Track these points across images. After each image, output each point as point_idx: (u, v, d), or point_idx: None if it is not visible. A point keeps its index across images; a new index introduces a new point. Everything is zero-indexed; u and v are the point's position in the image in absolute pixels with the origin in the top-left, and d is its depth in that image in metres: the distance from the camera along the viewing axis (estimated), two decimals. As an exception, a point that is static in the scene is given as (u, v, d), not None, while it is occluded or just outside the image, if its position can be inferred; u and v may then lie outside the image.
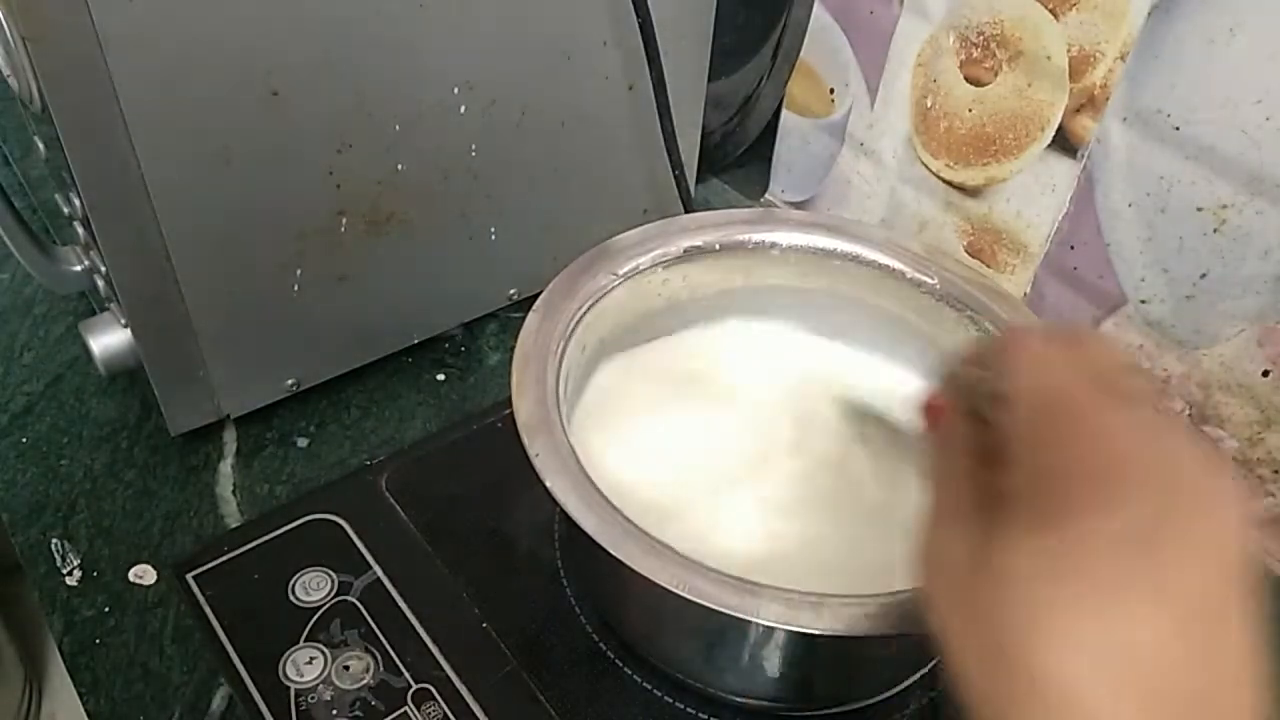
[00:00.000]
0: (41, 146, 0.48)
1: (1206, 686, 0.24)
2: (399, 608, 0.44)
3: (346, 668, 0.42)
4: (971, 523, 0.27)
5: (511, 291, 0.61)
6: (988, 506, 0.27)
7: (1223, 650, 0.24)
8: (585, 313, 0.44)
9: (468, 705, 0.41)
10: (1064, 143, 0.53)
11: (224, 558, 0.46)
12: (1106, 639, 0.23)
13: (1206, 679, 0.24)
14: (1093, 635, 0.23)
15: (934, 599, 0.28)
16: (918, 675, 0.43)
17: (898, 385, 0.50)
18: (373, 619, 0.44)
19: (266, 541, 0.47)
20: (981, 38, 0.55)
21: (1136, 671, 0.23)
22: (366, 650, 0.43)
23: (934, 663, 0.44)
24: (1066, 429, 0.26)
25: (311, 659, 0.42)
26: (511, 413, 0.38)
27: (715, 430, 0.47)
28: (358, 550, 0.47)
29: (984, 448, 0.29)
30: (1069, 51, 0.51)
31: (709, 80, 0.63)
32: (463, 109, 0.51)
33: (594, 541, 0.34)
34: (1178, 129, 0.48)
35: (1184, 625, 0.24)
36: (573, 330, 0.43)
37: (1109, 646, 0.23)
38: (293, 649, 0.43)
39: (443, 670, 0.42)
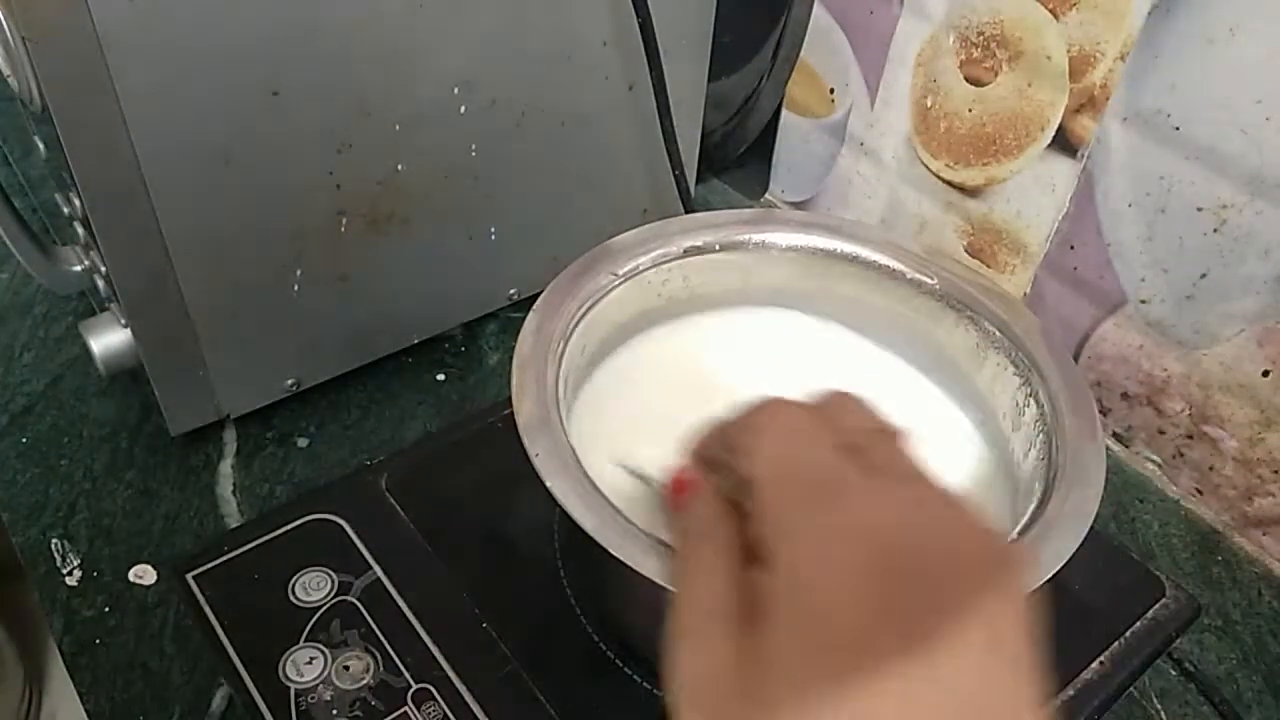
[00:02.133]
0: (41, 146, 0.48)
1: None
2: (399, 608, 0.44)
3: (346, 668, 0.42)
4: (732, 630, 0.24)
5: (511, 291, 0.61)
6: (749, 609, 0.24)
7: None
8: (585, 313, 0.44)
9: (468, 705, 0.41)
10: (1064, 143, 0.53)
11: (224, 558, 0.46)
12: None
13: None
14: None
15: (691, 712, 0.24)
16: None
17: (896, 386, 0.50)
18: (373, 619, 0.44)
19: (266, 541, 0.47)
20: (981, 38, 0.55)
21: None
22: (366, 650, 0.43)
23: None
24: (819, 516, 0.24)
25: (311, 659, 0.42)
26: (511, 413, 0.38)
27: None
28: (358, 550, 0.46)
29: (741, 536, 0.26)
30: (1069, 51, 0.51)
31: (709, 80, 0.63)
32: (463, 109, 0.51)
33: (594, 541, 0.34)
34: (1178, 129, 0.48)
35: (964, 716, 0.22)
36: (573, 330, 0.43)
37: None
38: (293, 649, 0.43)
39: (443, 670, 0.42)
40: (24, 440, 0.53)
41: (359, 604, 0.44)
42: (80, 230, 0.47)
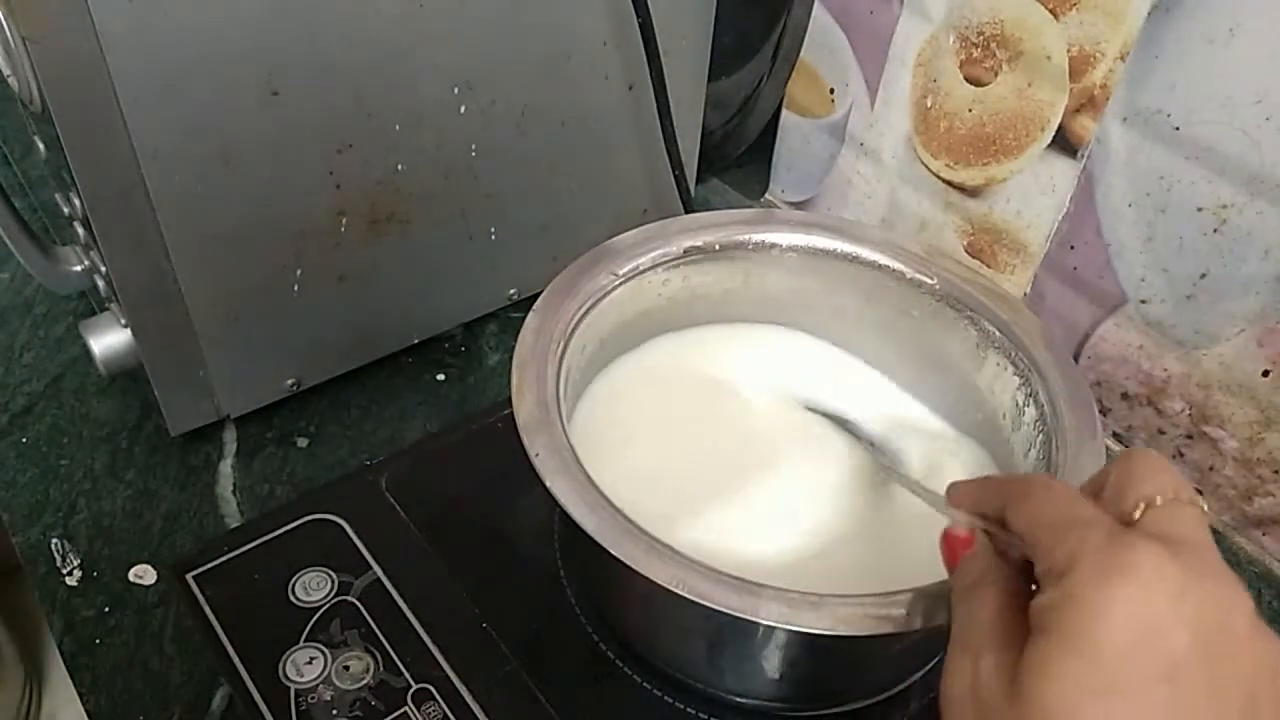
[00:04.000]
0: (41, 146, 0.48)
1: None
2: (399, 608, 0.44)
3: (346, 668, 0.42)
4: (1004, 652, 0.27)
5: (511, 291, 0.61)
6: (1020, 639, 0.26)
7: None
8: (585, 313, 0.44)
9: (468, 705, 0.41)
10: (1064, 143, 0.53)
11: (224, 558, 0.46)
12: None
13: None
14: None
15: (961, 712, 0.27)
16: (918, 675, 0.43)
17: (896, 385, 0.50)
18: (373, 619, 0.44)
19: (266, 541, 0.47)
20: (981, 38, 0.55)
21: None
22: (366, 650, 0.43)
23: (934, 662, 0.44)
24: (1103, 550, 0.25)
25: (311, 659, 0.42)
26: (511, 413, 0.38)
27: (715, 432, 0.47)
28: (358, 550, 0.47)
29: (1015, 581, 0.29)
30: (1069, 51, 0.51)
31: (709, 80, 0.63)
32: (463, 109, 0.51)
33: (594, 541, 0.34)
34: (1178, 129, 0.48)
35: None
36: (573, 330, 0.43)
37: None
38: (293, 649, 0.43)
39: (443, 670, 0.42)
40: (24, 440, 0.53)
41: (359, 604, 0.44)
42: (80, 230, 0.47)
